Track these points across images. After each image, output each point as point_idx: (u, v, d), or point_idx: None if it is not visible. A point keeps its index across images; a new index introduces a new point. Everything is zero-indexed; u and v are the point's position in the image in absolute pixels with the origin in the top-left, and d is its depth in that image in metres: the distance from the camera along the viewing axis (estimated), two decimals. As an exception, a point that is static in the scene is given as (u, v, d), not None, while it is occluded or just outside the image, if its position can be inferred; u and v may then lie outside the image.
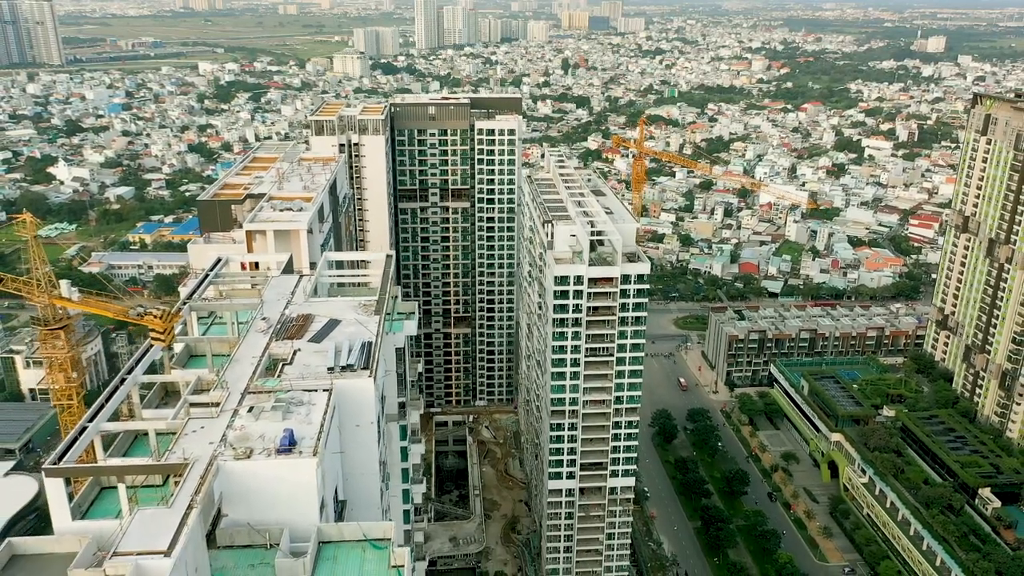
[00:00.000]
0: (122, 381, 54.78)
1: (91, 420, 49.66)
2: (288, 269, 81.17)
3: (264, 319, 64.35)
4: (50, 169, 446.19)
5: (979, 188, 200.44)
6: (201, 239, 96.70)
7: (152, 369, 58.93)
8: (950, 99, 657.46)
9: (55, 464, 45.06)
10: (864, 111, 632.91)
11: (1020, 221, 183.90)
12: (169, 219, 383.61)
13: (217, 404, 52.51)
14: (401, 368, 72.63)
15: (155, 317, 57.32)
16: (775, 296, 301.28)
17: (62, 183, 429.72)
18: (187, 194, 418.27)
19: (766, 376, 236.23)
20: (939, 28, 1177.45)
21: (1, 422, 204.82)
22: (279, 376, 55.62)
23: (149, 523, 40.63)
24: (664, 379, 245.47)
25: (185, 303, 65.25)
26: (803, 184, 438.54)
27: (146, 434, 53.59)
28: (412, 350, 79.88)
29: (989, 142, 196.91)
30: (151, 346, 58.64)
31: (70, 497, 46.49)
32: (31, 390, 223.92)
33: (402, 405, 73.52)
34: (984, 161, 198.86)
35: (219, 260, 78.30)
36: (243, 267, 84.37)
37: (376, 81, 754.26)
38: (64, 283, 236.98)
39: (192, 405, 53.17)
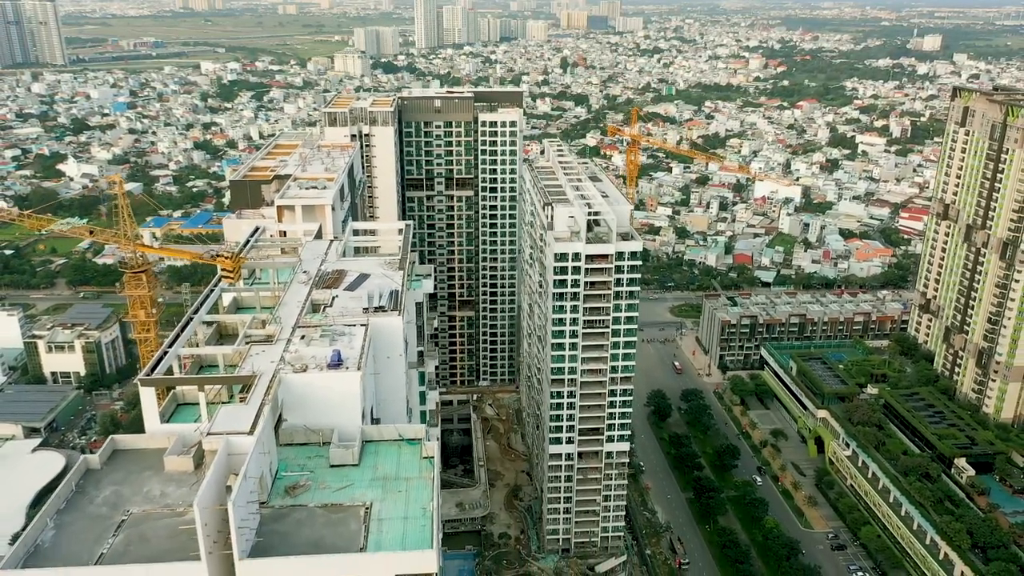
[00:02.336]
0: (189, 320, 64.76)
1: (170, 346, 59.67)
2: (318, 237, 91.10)
3: (305, 272, 74.42)
4: (59, 166, 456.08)
5: (958, 177, 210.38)
6: (234, 216, 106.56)
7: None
8: (944, 96, 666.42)
9: (148, 376, 55.03)
10: (859, 108, 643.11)
11: (994, 207, 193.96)
12: (177, 214, 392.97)
13: (271, 337, 62.48)
14: (420, 321, 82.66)
15: (225, 258, 67.35)
16: (768, 285, 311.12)
17: (71, 179, 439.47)
18: (194, 190, 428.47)
19: (757, 359, 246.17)
20: (936, 27, 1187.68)
21: (27, 403, 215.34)
22: (323, 314, 65.69)
23: (232, 414, 50.76)
24: (659, 363, 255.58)
25: (242, 251, 75.24)
26: (797, 179, 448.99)
27: (212, 365, 63.53)
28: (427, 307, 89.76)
29: (967, 133, 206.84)
30: (212, 290, 68.59)
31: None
32: (52, 373, 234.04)
33: (421, 354, 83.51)
34: (963, 151, 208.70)
35: (257, 228, 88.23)
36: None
37: (377, 80, 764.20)
38: (146, 232, 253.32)
39: (250, 340, 63.14)
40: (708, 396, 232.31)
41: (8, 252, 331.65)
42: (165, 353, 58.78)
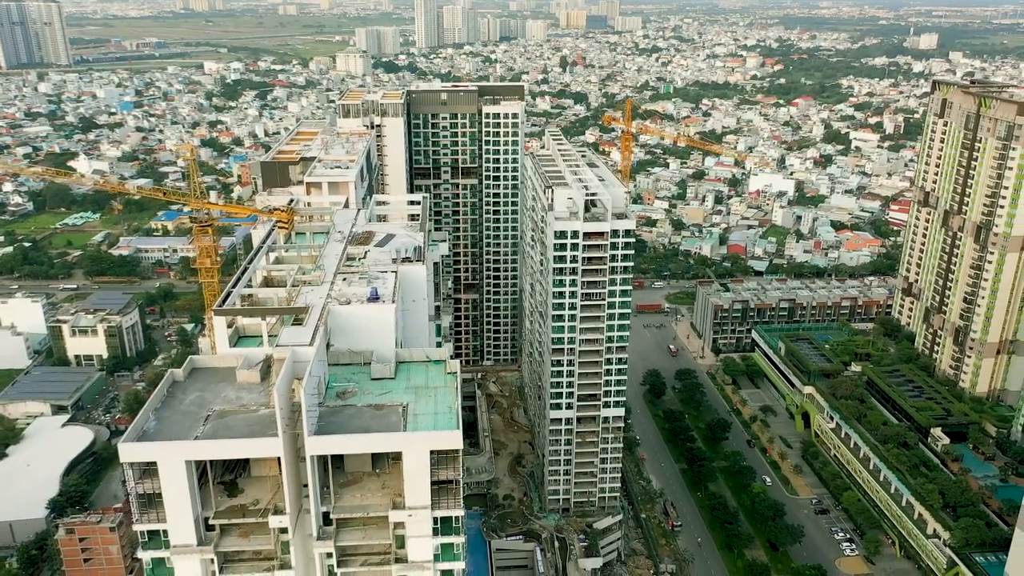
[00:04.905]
0: (245, 269, 76.19)
1: (234, 287, 71.16)
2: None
3: (339, 233, 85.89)
4: (71, 163, 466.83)
5: (937, 166, 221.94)
6: (266, 192, 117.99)
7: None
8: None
9: (220, 307, 66.48)
10: (854, 106, 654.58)
11: (969, 193, 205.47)
12: (188, 208, 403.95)
13: (317, 280, 73.93)
14: (437, 279, 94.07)
15: (281, 211, 78.88)
16: (760, 274, 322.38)
17: (83, 176, 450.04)
18: (203, 186, 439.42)
19: (749, 343, 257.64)
20: (933, 25, 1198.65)
21: (54, 383, 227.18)
22: (359, 263, 77.17)
23: (293, 332, 62.32)
24: (655, 346, 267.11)
25: (292, 203, 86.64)
26: (791, 173, 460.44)
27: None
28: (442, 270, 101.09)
29: (945, 124, 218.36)
30: (261, 246, 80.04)
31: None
32: (76, 356, 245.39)
33: (438, 309, 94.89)
34: (942, 141, 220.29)
35: (292, 200, 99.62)
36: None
37: (378, 79, 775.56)
38: (213, 193, 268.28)
39: (298, 283, 74.56)
40: (701, 376, 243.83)
41: (26, 244, 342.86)
42: (230, 293, 70.20)
